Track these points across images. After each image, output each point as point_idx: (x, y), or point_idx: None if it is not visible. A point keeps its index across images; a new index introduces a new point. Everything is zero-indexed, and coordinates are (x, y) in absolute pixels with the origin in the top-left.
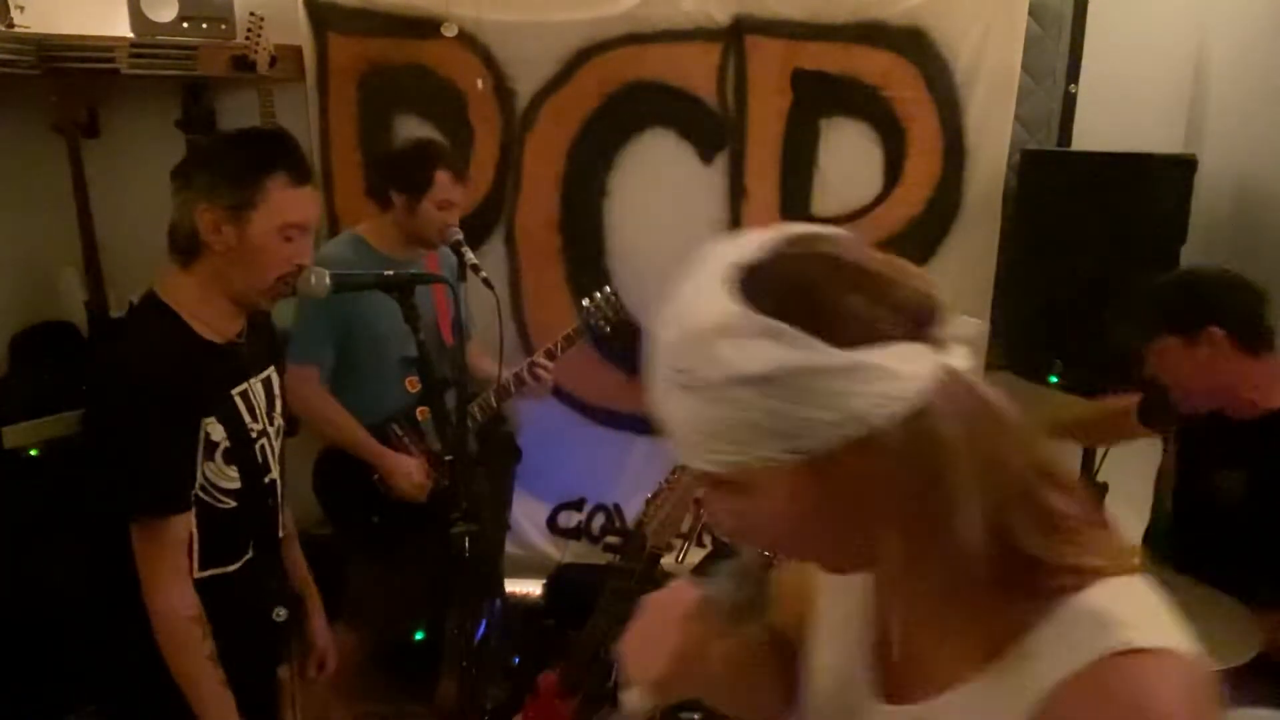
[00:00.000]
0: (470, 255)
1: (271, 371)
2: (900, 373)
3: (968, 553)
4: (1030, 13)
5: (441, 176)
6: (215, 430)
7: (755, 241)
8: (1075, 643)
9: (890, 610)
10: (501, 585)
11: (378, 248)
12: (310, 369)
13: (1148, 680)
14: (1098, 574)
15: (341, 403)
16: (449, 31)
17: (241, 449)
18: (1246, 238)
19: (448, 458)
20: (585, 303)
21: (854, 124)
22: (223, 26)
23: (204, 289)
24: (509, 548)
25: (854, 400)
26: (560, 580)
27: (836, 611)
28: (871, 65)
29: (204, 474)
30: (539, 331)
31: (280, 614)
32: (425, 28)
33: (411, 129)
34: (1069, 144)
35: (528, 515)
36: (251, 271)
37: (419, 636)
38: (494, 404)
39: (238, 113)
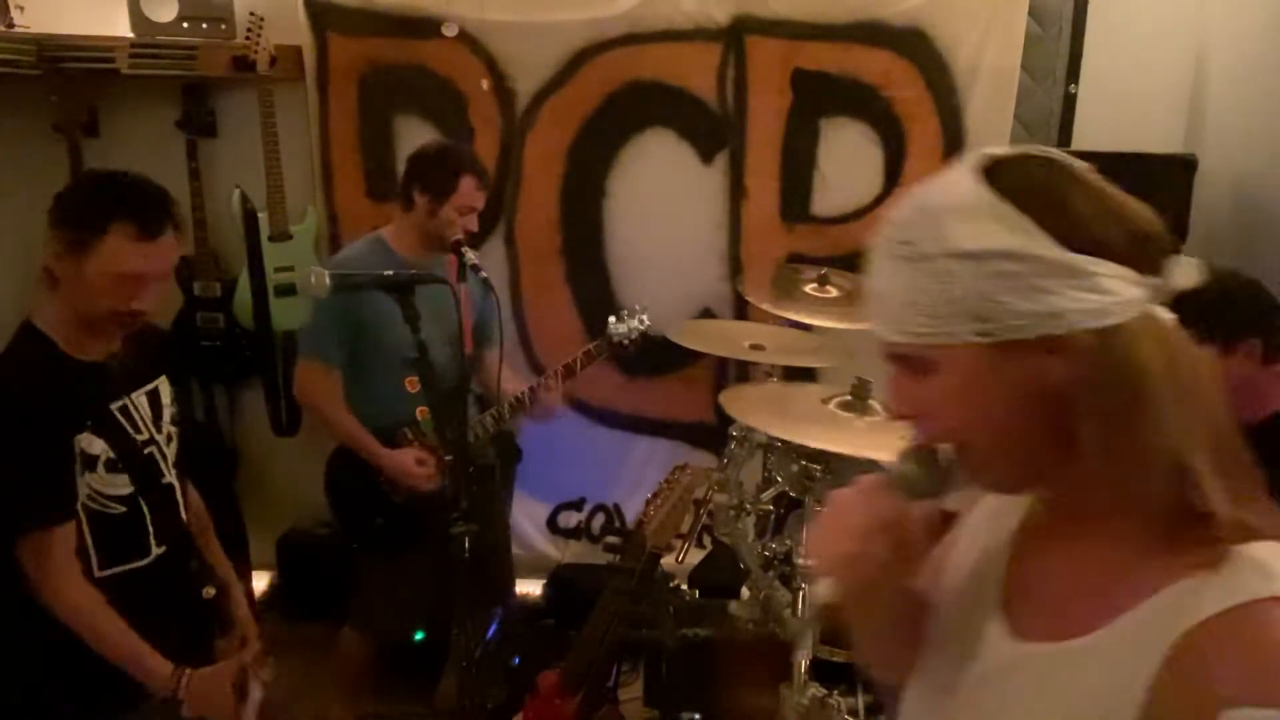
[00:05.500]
0: (470, 255)
1: (160, 382)
2: (1110, 288)
3: (1149, 481)
4: (1030, 13)
5: (466, 182)
6: (92, 444)
7: (1010, 148)
8: (1232, 587)
9: (1042, 541)
10: (512, 588)
11: (397, 249)
12: (316, 364)
13: None
14: (1260, 535)
15: (349, 400)
16: (449, 31)
17: (129, 459)
18: (1246, 238)
19: (448, 458)
20: (612, 320)
21: (854, 124)
22: (223, 26)
23: (65, 312)
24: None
25: (1057, 299)
26: (560, 580)
27: (974, 547)
28: (871, 65)
29: (88, 485)
30: (539, 331)
31: (210, 591)
32: (425, 28)
33: (412, 129)
34: (1069, 144)
35: (528, 515)
36: (86, 304)
37: (419, 637)
38: (506, 416)
39: (238, 113)
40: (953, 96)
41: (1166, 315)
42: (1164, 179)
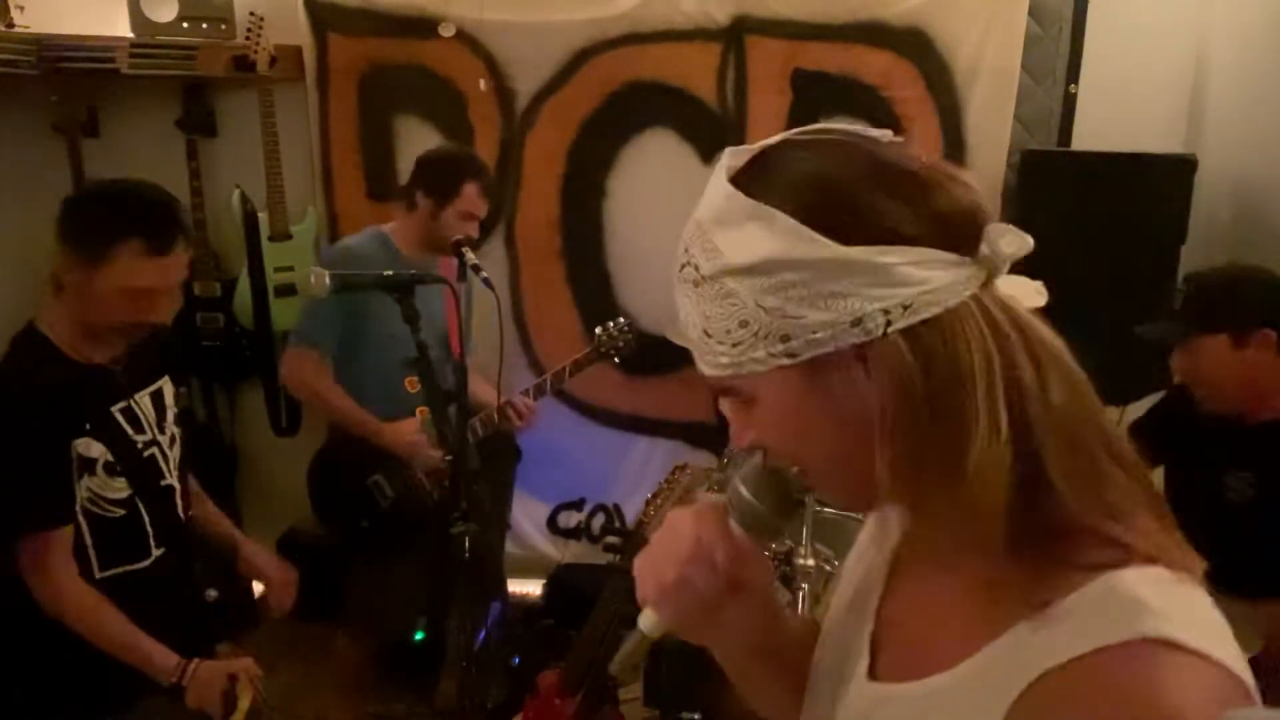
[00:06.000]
0: (470, 256)
1: (163, 383)
2: (913, 278)
3: (986, 498)
4: (1030, 13)
5: (469, 189)
6: (91, 448)
7: (772, 138)
8: (1093, 625)
9: (914, 564)
10: (503, 586)
11: (400, 247)
12: (309, 350)
13: (1170, 678)
14: (1139, 558)
15: None
16: (446, 32)
17: (129, 461)
18: (1246, 238)
19: (447, 458)
20: (598, 331)
21: (854, 124)
22: (223, 26)
23: (70, 317)
24: (509, 548)
25: (854, 301)
26: (560, 580)
27: (859, 569)
28: (871, 65)
29: (88, 488)
30: (539, 332)
31: (211, 594)
32: (425, 28)
33: (411, 129)
34: (1069, 144)
35: (528, 515)
36: (94, 315)
37: (419, 637)
38: (495, 419)
39: (238, 113)
40: (953, 96)
41: (1005, 295)
42: (1164, 179)
